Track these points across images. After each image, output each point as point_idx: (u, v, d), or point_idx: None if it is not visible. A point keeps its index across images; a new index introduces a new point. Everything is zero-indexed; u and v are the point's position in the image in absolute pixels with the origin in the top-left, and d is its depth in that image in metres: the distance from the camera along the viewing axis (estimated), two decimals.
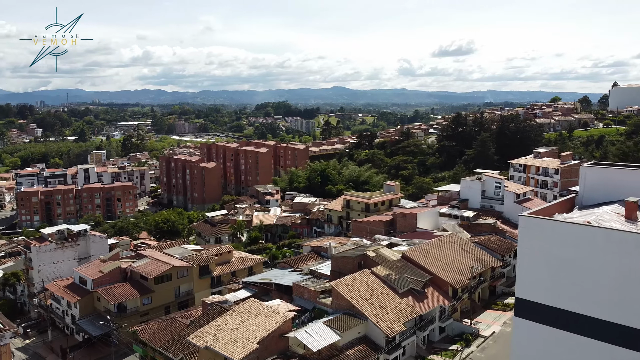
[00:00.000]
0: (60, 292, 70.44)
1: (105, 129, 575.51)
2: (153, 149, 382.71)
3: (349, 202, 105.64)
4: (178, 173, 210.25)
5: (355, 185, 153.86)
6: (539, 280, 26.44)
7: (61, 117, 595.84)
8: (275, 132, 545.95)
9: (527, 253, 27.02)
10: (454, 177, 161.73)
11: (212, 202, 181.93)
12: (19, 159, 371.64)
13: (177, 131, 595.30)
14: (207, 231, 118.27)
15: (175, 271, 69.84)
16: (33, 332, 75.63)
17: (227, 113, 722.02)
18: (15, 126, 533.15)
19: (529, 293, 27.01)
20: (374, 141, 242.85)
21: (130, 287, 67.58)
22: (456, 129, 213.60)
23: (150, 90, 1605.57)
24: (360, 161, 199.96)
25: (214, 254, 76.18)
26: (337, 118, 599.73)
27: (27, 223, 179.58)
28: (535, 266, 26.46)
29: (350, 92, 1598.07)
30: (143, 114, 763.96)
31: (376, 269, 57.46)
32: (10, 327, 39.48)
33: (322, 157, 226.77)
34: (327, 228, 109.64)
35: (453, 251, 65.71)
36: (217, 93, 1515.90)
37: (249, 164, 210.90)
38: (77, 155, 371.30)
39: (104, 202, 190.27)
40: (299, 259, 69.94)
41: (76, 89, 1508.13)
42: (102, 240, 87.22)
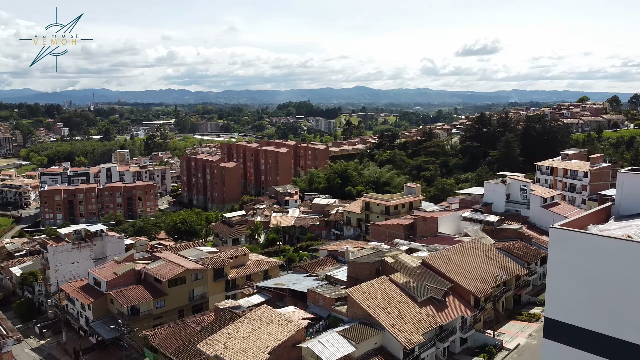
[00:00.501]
0: (74, 293, 69.88)
1: (130, 128, 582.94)
2: (175, 148, 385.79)
3: (368, 204, 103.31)
4: (198, 173, 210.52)
5: (375, 187, 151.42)
6: (572, 300, 23.88)
7: (87, 117, 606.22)
8: (296, 131, 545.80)
9: (558, 269, 24.45)
10: (477, 178, 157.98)
11: (232, 202, 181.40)
12: (46, 157, 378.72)
13: (199, 131, 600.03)
14: (225, 232, 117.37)
15: (189, 274, 68.58)
16: (48, 333, 75.31)
17: (249, 113, 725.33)
18: (43, 125, 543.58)
19: (560, 313, 24.47)
20: (395, 141, 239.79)
21: (144, 290, 66.54)
22: (480, 129, 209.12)
23: (174, 90, 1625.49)
24: (381, 162, 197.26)
25: (229, 257, 74.74)
26: (358, 118, 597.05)
27: (50, 221, 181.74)
28: (568, 284, 23.91)
29: (372, 91, 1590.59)
30: (167, 113, 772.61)
31: (394, 276, 55.11)
32: (13, 334, 38.46)
33: (343, 157, 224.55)
34: (346, 231, 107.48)
35: (476, 258, 62.89)
36: (239, 93, 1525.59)
37: (269, 164, 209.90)
38: (102, 154, 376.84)
39: (125, 201, 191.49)
40: (315, 264, 67.98)
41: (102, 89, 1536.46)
42: (119, 241, 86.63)
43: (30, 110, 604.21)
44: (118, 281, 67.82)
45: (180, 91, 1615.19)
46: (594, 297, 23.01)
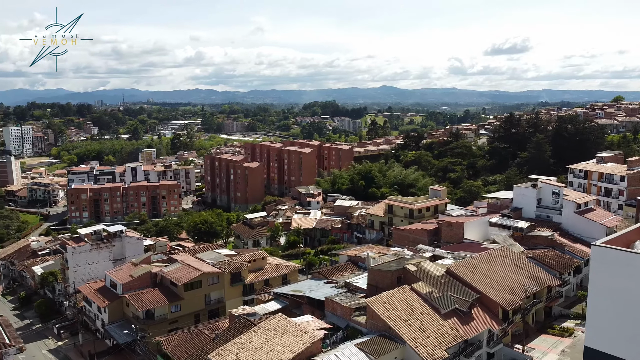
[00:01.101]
0: (91, 294, 69.14)
1: (157, 128, 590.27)
2: (201, 148, 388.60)
3: (391, 207, 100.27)
4: (222, 172, 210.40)
5: (400, 189, 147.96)
6: (616, 328, 20.87)
7: (116, 116, 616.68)
8: (321, 131, 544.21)
9: (601, 293, 21.47)
10: (506, 180, 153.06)
11: (255, 203, 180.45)
12: (76, 156, 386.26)
13: (225, 130, 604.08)
14: (246, 233, 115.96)
15: (205, 278, 67.01)
16: (66, 334, 74.87)
17: (275, 112, 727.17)
18: (74, 124, 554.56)
19: (601, 342, 21.47)
20: (421, 142, 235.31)
21: (159, 293, 65.26)
22: (509, 129, 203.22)
23: (201, 90, 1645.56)
24: (406, 163, 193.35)
25: (247, 261, 72.94)
26: (384, 118, 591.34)
27: (76, 219, 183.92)
28: (612, 310, 20.91)
29: (398, 91, 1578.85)
30: (194, 113, 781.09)
31: (417, 286, 52.25)
32: (16, 343, 37.30)
33: (367, 157, 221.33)
34: (368, 234, 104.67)
35: (504, 267, 59.43)
36: (266, 92, 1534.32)
37: (293, 164, 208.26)
38: (129, 153, 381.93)
39: (150, 201, 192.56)
40: (334, 270, 65.51)
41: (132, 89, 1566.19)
42: (138, 242, 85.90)
43: (62, 110, 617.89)
44: (134, 284, 66.71)
45: (208, 91, 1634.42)
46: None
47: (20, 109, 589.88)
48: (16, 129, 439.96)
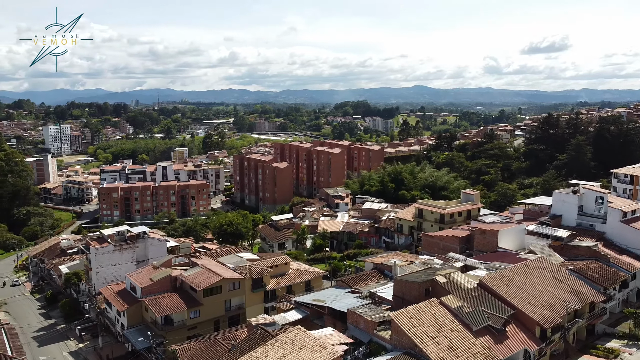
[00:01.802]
0: (111, 297, 68.05)
1: (191, 127, 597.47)
2: (232, 147, 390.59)
3: (421, 211, 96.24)
4: (251, 172, 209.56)
5: (431, 191, 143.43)
6: None
7: (151, 116, 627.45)
8: (353, 131, 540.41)
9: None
10: (543, 184, 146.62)
11: (283, 203, 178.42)
12: (111, 154, 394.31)
13: (257, 130, 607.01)
14: (272, 235, 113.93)
15: (225, 283, 64.89)
16: (87, 336, 74.07)
17: (306, 112, 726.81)
18: (110, 124, 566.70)
19: None
20: (454, 143, 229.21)
21: (178, 299, 63.46)
22: (547, 130, 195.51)
23: (235, 90, 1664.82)
24: (438, 164, 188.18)
25: (269, 266, 70.53)
26: (416, 118, 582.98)
27: (107, 218, 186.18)
28: None
29: (431, 91, 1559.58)
30: (226, 112, 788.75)
31: (446, 299, 48.63)
32: (18, 355, 35.72)
33: (398, 158, 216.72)
34: (397, 239, 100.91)
35: (542, 280, 55.10)
36: (298, 92, 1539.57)
37: (322, 164, 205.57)
38: (162, 152, 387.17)
39: (179, 200, 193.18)
40: (359, 278, 62.33)
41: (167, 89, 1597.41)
42: (161, 244, 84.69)
43: (99, 109, 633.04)
44: (153, 288, 65.17)
45: (241, 91, 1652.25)
46: None
47: (60, 109, 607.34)
48: (55, 128, 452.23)
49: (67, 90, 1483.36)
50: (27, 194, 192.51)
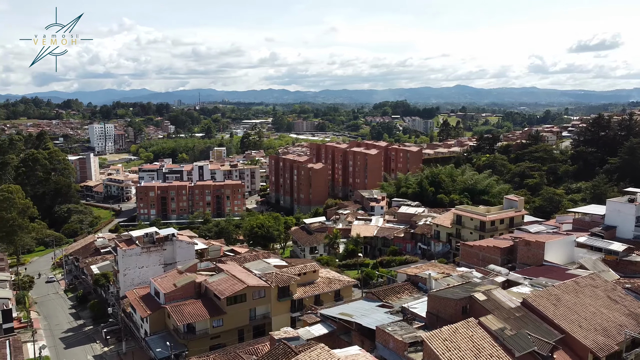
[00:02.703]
0: (135, 302, 66.49)
1: (230, 127, 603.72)
2: (269, 147, 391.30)
3: (460, 217, 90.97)
4: (286, 173, 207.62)
5: (471, 195, 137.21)
6: None
7: (192, 115, 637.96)
8: (391, 131, 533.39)
9: None
10: (592, 189, 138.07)
11: (318, 205, 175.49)
12: (152, 153, 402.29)
13: (295, 130, 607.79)
14: (303, 239, 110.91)
15: (250, 291, 62.12)
16: (112, 340, 72.91)
17: (345, 112, 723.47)
18: (153, 123, 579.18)
19: None
20: (496, 144, 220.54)
21: (201, 306, 61.11)
22: (597, 132, 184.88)
23: (274, 90, 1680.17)
24: (479, 167, 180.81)
25: (297, 273, 67.34)
26: (457, 118, 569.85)
27: (144, 216, 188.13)
28: None
29: (473, 90, 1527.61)
30: (265, 112, 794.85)
31: (486, 319, 43.95)
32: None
33: (437, 160, 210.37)
34: (434, 246, 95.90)
35: (595, 299, 49.55)
36: (337, 92, 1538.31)
37: (358, 166, 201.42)
38: (201, 152, 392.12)
39: (214, 200, 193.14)
40: (390, 290, 58.20)
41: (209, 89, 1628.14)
42: (189, 247, 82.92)
43: (143, 109, 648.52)
44: (177, 294, 63.14)
45: (280, 91, 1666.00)
46: None
47: (106, 108, 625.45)
48: (100, 127, 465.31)
49: (113, 91, 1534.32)
50: (69, 192, 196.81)
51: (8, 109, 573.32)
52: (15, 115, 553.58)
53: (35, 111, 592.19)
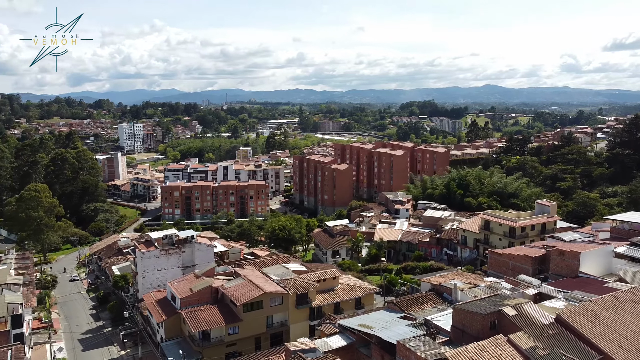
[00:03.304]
0: (151, 306, 65.21)
1: (256, 127, 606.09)
2: (295, 147, 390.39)
3: (488, 223, 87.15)
4: (310, 173, 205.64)
5: (500, 198, 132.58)
6: None
7: (219, 115, 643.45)
8: (418, 132, 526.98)
9: None
10: (630, 193, 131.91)
11: (342, 206, 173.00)
12: (179, 153, 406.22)
13: (321, 130, 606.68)
14: (325, 242, 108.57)
15: (267, 298, 60.04)
16: (129, 343, 72.02)
17: (371, 112, 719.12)
18: (181, 123, 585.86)
19: None
20: (526, 146, 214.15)
21: (217, 312, 59.34)
22: (634, 133, 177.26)
23: (301, 90, 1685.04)
24: (508, 169, 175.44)
25: (316, 280, 64.97)
26: (486, 118, 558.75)
27: (169, 216, 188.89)
28: None
29: (503, 90, 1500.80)
30: (292, 112, 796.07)
31: (516, 337, 40.74)
32: None
33: (465, 162, 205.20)
34: (460, 252, 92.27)
35: (636, 317, 45.65)
36: (364, 92, 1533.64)
37: (383, 167, 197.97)
38: (227, 151, 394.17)
39: (238, 200, 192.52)
40: (413, 301, 55.25)
41: (236, 89, 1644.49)
42: (208, 249, 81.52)
43: (171, 109, 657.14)
44: (193, 299, 61.55)
45: (307, 91, 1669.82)
46: None
47: (136, 108, 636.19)
48: (129, 127, 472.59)
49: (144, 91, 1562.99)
50: (96, 191, 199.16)
51: (42, 109, 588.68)
52: (49, 114, 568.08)
53: (67, 111, 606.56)
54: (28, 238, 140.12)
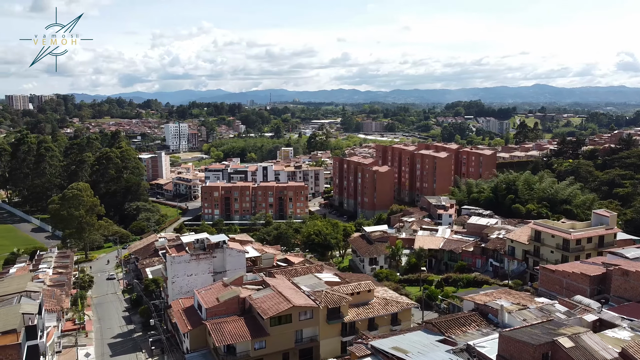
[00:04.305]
0: (177, 315, 62.98)
1: (299, 127, 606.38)
2: (336, 147, 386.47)
3: (539, 234, 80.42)
4: (350, 175, 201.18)
5: (550, 205, 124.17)
6: None
7: (262, 115, 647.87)
8: (464, 132, 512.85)
9: None
10: None
11: (382, 209, 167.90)
12: (222, 152, 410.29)
13: (364, 130, 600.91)
14: (363, 249, 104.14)
15: (296, 312, 56.52)
16: (157, 350, 70.04)
17: (415, 112, 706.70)
18: (225, 122, 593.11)
19: None
20: (580, 148, 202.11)
21: (243, 325, 56.27)
22: None
23: (345, 90, 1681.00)
24: (560, 173, 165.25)
25: (349, 293, 60.88)
26: (535, 119, 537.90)
27: (208, 216, 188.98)
28: None
29: (554, 90, 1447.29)
30: (335, 112, 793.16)
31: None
32: None
33: (513, 165, 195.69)
34: (508, 264, 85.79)
35: None
36: (408, 92, 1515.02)
37: (426, 169, 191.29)
38: (269, 151, 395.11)
39: (277, 201, 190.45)
40: (454, 321, 50.32)
41: (281, 89, 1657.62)
42: (239, 255, 78.73)
43: (216, 109, 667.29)
44: (219, 309, 58.77)
45: (351, 91, 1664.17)
46: None
47: (182, 108, 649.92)
48: (175, 126, 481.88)
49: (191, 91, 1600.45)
50: (138, 190, 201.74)
51: (94, 109, 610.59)
52: (100, 114, 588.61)
53: (118, 111, 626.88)
54: (71, 236, 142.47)
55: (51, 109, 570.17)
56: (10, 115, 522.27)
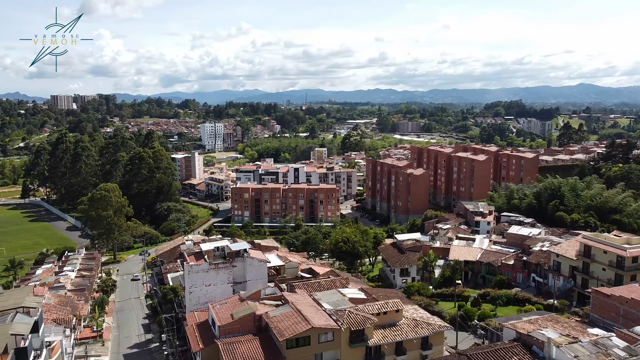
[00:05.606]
0: (190, 330, 59.08)
1: (334, 127, 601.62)
2: (371, 148, 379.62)
3: (589, 248, 72.70)
4: (383, 178, 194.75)
5: (598, 214, 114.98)
6: None
7: (297, 115, 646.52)
8: (503, 133, 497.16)
9: None
10: None
11: (416, 214, 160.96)
12: (256, 152, 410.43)
13: (400, 130, 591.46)
14: (394, 258, 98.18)
15: (315, 333, 51.55)
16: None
17: (453, 113, 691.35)
18: (260, 122, 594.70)
19: None
20: (631, 152, 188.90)
21: (258, 346, 51.72)
22: None
23: (381, 90, 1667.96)
24: (609, 178, 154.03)
25: (375, 312, 55.46)
26: (580, 120, 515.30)
27: (238, 217, 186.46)
28: None
29: (599, 89, 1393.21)
30: (370, 112, 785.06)
31: None
32: None
33: (557, 169, 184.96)
34: (553, 280, 78.20)
35: None
36: (446, 92, 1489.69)
37: (463, 172, 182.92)
38: (303, 152, 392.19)
39: (307, 204, 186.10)
40: (492, 354, 44.13)
41: (317, 89, 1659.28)
42: (260, 265, 74.35)
43: (252, 109, 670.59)
44: (234, 327, 54.44)
45: (387, 90, 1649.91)
46: None
47: (219, 108, 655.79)
48: (210, 126, 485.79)
49: (229, 91, 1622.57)
50: (169, 190, 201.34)
51: (134, 109, 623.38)
52: (139, 114, 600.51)
53: (157, 110, 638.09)
54: (99, 237, 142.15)
55: (93, 108, 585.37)
56: (55, 115, 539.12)
